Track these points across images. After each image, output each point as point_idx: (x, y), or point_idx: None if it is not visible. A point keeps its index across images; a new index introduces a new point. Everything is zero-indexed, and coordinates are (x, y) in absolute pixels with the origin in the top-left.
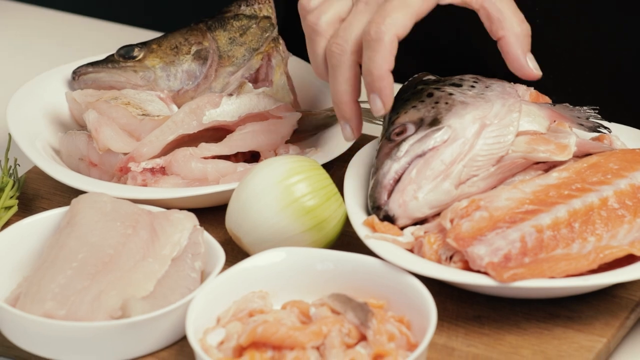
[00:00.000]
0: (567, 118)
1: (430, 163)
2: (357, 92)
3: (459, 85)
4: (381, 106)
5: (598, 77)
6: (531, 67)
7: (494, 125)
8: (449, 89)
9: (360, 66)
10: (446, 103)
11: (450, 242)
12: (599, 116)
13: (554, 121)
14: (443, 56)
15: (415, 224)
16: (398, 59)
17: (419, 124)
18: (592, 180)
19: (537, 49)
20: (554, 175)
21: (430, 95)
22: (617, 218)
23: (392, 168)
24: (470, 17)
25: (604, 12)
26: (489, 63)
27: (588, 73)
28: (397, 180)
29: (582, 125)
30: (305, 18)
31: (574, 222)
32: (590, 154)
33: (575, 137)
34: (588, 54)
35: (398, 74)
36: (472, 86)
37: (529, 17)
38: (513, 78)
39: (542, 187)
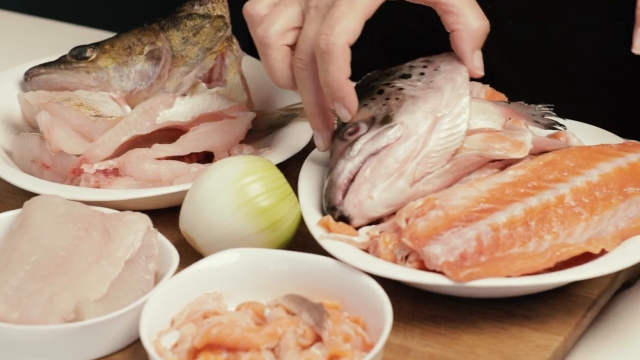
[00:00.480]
0: (522, 115)
1: (384, 161)
2: (327, 101)
3: (409, 76)
4: (347, 113)
5: (557, 76)
6: (476, 65)
7: (445, 117)
8: (399, 83)
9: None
10: (396, 99)
11: (406, 241)
12: (554, 114)
13: (509, 119)
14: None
15: (370, 223)
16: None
17: (371, 123)
18: (548, 178)
19: (510, 49)
20: (510, 174)
21: (381, 92)
22: (574, 216)
23: (345, 168)
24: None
25: (572, 13)
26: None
27: (547, 71)
28: (352, 180)
29: (537, 122)
30: (254, 31)
31: (530, 220)
32: (546, 152)
33: (531, 134)
34: (547, 53)
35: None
36: (422, 73)
37: (502, 18)
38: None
39: (498, 186)
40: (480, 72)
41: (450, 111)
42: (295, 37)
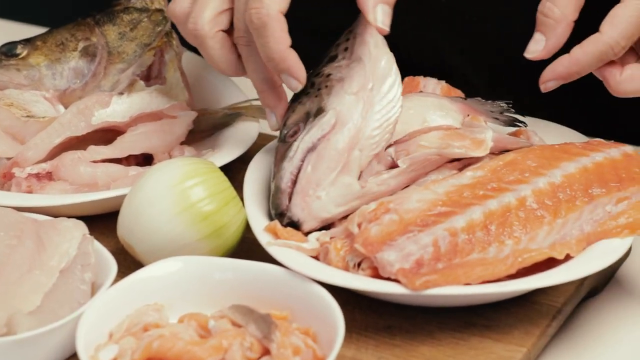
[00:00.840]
0: (481, 112)
1: (323, 155)
2: (276, 76)
3: (335, 57)
4: (296, 83)
5: (517, 73)
6: (377, 19)
7: (375, 88)
8: (326, 69)
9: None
10: (326, 86)
11: (358, 247)
12: (513, 110)
13: (467, 115)
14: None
15: (323, 228)
16: None
17: (307, 119)
18: (508, 179)
19: (467, 45)
20: (468, 175)
21: (312, 84)
22: (536, 219)
23: (287, 169)
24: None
25: (531, 8)
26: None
27: (506, 68)
28: (295, 182)
29: (496, 119)
30: (183, 28)
31: (490, 224)
32: (507, 150)
33: (492, 131)
34: (505, 49)
35: None
36: (346, 48)
37: (458, 14)
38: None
39: (455, 188)
40: (383, 27)
41: (376, 78)
42: (229, 20)
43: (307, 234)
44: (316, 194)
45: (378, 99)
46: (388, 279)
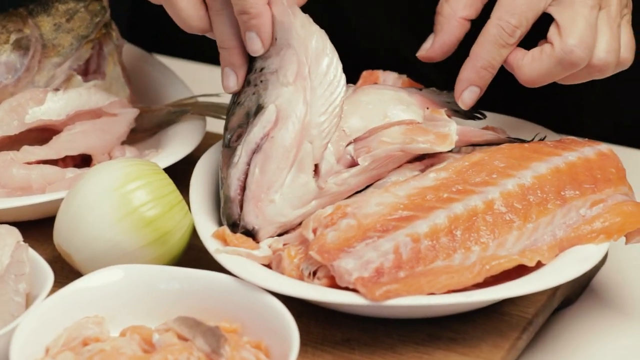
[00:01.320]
0: (439, 103)
1: (270, 155)
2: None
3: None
4: (260, 45)
5: None
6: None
7: (312, 70)
8: (259, 64)
9: None
10: (261, 81)
11: (314, 255)
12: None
13: (427, 108)
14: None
15: (283, 234)
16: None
17: (247, 119)
18: (475, 181)
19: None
20: (432, 176)
21: (248, 83)
22: (505, 224)
23: (234, 176)
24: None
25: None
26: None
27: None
28: (244, 188)
29: (455, 111)
30: None
31: (455, 229)
32: (473, 144)
33: (456, 124)
34: (467, 40)
35: None
36: (276, 38)
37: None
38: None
39: (418, 190)
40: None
41: (312, 61)
42: None
43: (257, 241)
44: (269, 198)
45: (317, 82)
46: (346, 288)
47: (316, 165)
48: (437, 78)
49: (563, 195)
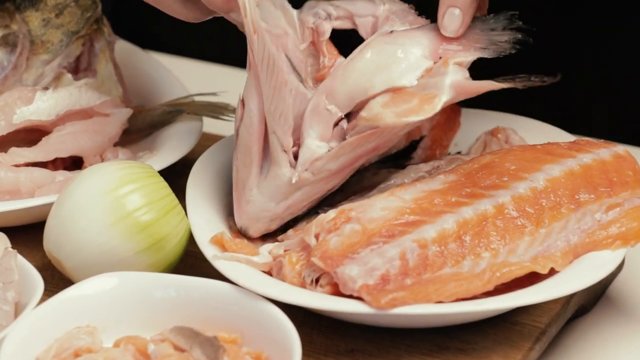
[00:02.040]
0: (465, 41)
1: (238, 152)
2: None
3: None
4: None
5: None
6: None
7: (255, 57)
8: None
9: None
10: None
11: (316, 261)
12: (520, 22)
13: (440, 58)
14: None
15: (287, 227)
16: None
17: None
18: (485, 184)
19: None
20: (440, 179)
21: None
22: (516, 229)
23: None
24: None
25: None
26: None
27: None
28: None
29: (491, 46)
30: None
31: (465, 234)
32: (471, 98)
33: (453, 79)
34: None
35: None
36: None
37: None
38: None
39: (425, 194)
40: None
41: (250, 43)
42: None
43: (263, 239)
44: (245, 198)
45: (260, 68)
46: (350, 296)
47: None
48: None
49: (577, 199)
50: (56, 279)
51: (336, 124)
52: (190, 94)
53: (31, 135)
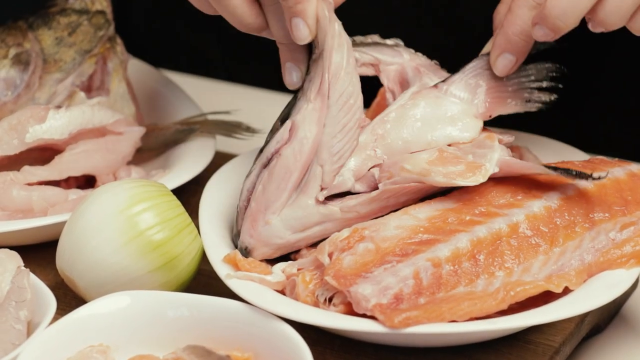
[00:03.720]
0: (510, 93)
1: (274, 173)
2: None
3: (311, 50)
4: (307, 31)
5: None
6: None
7: (331, 86)
8: (306, 83)
9: None
10: (301, 89)
11: (330, 280)
12: (563, 73)
13: (490, 116)
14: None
15: (289, 255)
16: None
17: (275, 128)
18: (499, 203)
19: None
20: (453, 197)
21: (301, 88)
22: (531, 248)
23: (245, 187)
24: None
25: None
26: None
27: None
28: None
29: (533, 101)
30: None
31: (479, 253)
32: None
33: (500, 154)
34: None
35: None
36: (317, 44)
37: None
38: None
39: (439, 212)
40: None
41: (332, 76)
42: None
43: (273, 262)
44: (265, 219)
45: (334, 101)
46: (364, 315)
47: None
48: None
49: (592, 217)
50: (69, 298)
51: (369, 168)
52: (203, 113)
53: (44, 153)
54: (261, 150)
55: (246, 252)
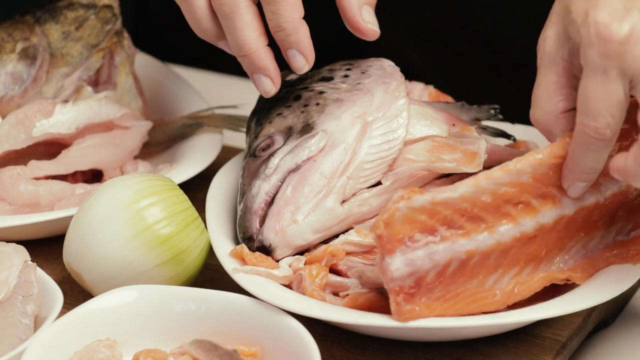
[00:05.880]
0: (466, 120)
1: (307, 178)
2: (264, 36)
3: (330, 79)
4: (304, 62)
5: (514, 76)
6: (365, 20)
7: (378, 120)
8: (319, 87)
9: (258, 5)
10: (317, 104)
11: (380, 231)
12: (501, 116)
13: (453, 124)
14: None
15: (295, 254)
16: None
17: (288, 134)
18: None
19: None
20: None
21: (298, 97)
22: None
23: (262, 189)
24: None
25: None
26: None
27: (502, 71)
28: (270, 203)
29: (483, 129)
30: None
31: (511, 249)
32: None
33: (485, 142)
34: (503, 50)
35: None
36: (346, 76)
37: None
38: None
39: (503, 190)
40: (373, 28)
41: (384, 114)
42: None
43: (277, 261)
44: (293, 218)
45: (379, 133)
46: (370, 310)
47: None
48: (470, 87)
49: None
50: (76, 292)
51: None
52: (210, 107)
53: (51, 148)
54: (254, 151)
55: (269, 250)
